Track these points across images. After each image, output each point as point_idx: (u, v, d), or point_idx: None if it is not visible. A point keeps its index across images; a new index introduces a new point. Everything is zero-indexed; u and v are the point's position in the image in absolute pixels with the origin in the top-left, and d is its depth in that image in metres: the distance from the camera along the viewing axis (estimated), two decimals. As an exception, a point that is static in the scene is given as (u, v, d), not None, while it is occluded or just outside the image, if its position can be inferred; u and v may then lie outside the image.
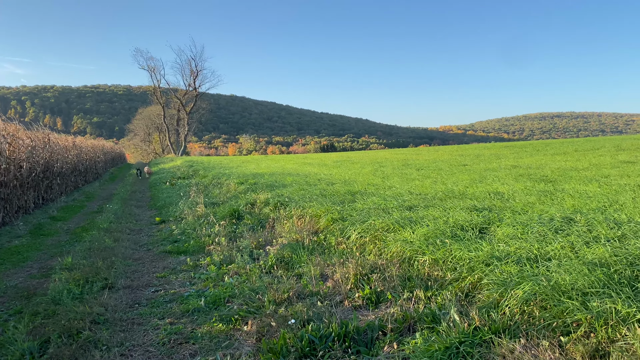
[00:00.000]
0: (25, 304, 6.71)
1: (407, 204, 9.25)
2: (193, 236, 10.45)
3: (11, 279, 8.21)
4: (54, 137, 23.76)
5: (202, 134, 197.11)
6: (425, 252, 6.04)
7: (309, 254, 7.58)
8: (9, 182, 15.01)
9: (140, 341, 5.30)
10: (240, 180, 17.21)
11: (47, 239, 12.00)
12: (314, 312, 5.24)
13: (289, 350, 4.44)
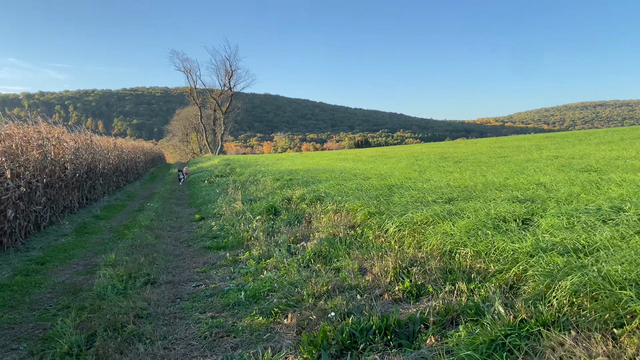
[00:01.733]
0: (72, 299, 6.93)
1: (446, 196, 9.07)
2: (232, 232, 10.57)
3: (59, 276, 8.49)
4: (96, 139, 24.51)
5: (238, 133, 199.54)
6: (466, 245, 5.90)
7: (347, 248, 7.53)
8: (55, 183, 15.55)
9: (182, 335, 5.38)
10: (276, 177, 17.31)
11: (91, 237, 12.38)
12: (354, 305, 5.20)
13: (329, 343, 4.41)
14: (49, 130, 16.84)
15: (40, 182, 13.89)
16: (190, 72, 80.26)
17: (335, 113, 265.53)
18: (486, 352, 3.80)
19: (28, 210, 12.83)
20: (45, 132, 15.88)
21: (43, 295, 7.39)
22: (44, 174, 14.51)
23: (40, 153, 14.60)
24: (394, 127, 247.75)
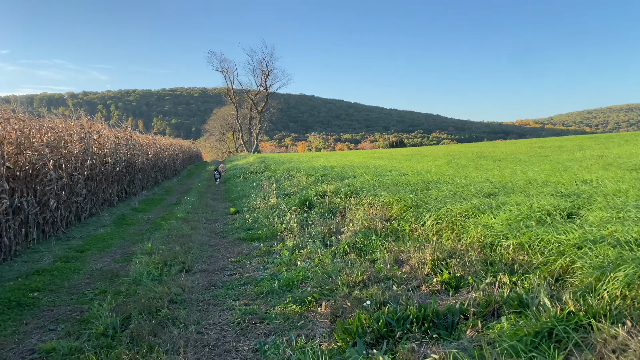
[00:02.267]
0: (109, 285, 7.02)
1: (485, 191, 8.80)
2: (266, 224, 10.56)
3: (97, 263, 8.65)
4: (135, 135, 25.08)
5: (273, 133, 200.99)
6: (508, 237, 5.66)
7: (382, 240, 7.38)
8: (95, 176, 15.93)
9: (216, 320, 5.35)
10: (310, 173, 17.25)
11: (129, 228, 12.60)
12: (390, 295, 5.05)
13: (364, 331, 4.28)
14: (91, 125, 17.26)
15: (81, 174, 14.25)
16: (228, 72, 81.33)
17: (369, 113, 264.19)
18: (531, 344, 3.60)
19: (69, 201, 13.17)
20: (87, 127, 16.29)
21: (81, 280, 7.52)
22: (85, 167, 14.88)
23: (82, 146, 14.98)
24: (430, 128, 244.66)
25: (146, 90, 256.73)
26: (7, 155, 10.19)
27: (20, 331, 5.43)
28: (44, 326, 5.58)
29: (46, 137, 12.63)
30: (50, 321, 5.74)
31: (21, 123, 11.56)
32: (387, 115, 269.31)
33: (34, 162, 11.28)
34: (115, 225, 12.89)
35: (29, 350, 4.90)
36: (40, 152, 11.84)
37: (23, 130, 11.43)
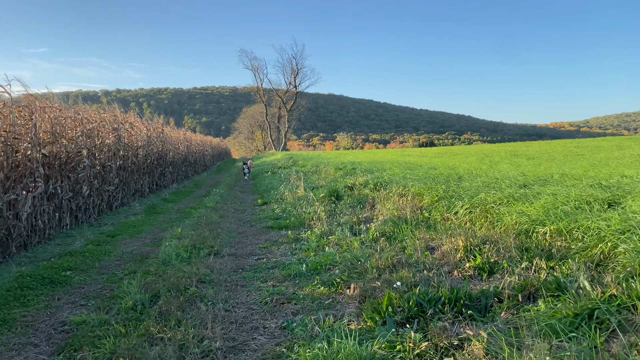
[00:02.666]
0: (139, 266, 7.08)
1: (520, 182, 8.55)
2: (293, 214, 10.52)
3: (127, 247, 8.75)
4: (167, 129, 25.44)
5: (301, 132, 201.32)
6: (545, 223, 5.46)
7: (413, 229, 7.23)
8: (127, 166, 16.20)
9: (243, 300, 5.32)
10: (339, 167, 17.16)
11: (159, 216, 12.75)
12: (421, 277, 4.92)
13: (394, 311, 4.18)
14: (124, 117, 17.57)
15: (113, 164, 14.50)
16: (258, 71, 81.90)
17: (399, 114, 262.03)
18: (570, 325, 3.43)
19: (102, 189, 13.41)
20: (121, 118, 16.58)
21: (112, 262, 7.62)
22: (117, 157, 15.15)
23: (115, 136, 15.25)
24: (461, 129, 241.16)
25: (178, 88, 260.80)
26: (43, 143, 10.42)
27: (52, 305, 5.52)
28: (75, 302, 5.65)
29: (80, 127, 12.88)
30: (81, 297, 5.81)
31: (57, 112, 11.80)
32: (417, 116, 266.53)
33: (68, 150, 11.52)
34: (146, 214, 13.06)
35: (60, 322, 4.96)
36: (75, 141, 12.09)
37: (59, 119, 11.67)
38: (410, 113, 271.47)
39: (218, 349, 3.97)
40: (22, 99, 10.38)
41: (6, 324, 4.88)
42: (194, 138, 35.77)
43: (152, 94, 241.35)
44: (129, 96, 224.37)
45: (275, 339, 4.22)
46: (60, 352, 4.12)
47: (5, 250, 8.22)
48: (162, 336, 4.13)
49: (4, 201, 8.30)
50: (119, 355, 3.71)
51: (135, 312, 4.86)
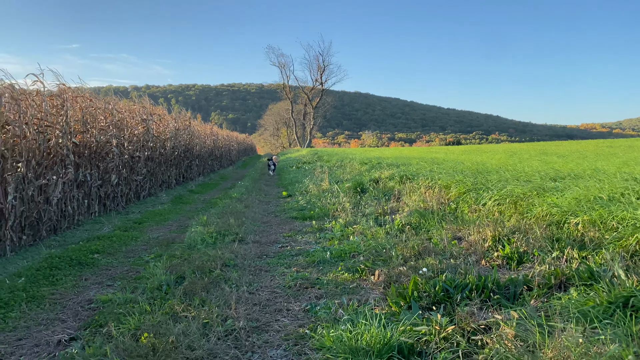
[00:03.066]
0: (164, 250, 7.15)
1: (551, 176, 8.34)
2: (318, 205, 10.49)
3: (153, 233, 8.85)
4: (194, 123, 25.71)
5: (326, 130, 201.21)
6: (577, 214, 5.30)
7: (439, 220, 7.12)
8: (155, 157, 16.42)
9: (267, 284, 5.32)
10: (364, 161, 17.06)
11: (185, 206, 12.88)
12: (448, 265, 4.83)
13: (420, 296, 4.10)
14: (153, 109, 17.81)
15: (141, 154, 14.71)
16: (284, 67, 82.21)
17: (426, 113, 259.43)
18: (604, 313, 3.31)
19: (130, 179, 13.62)
20: (150, 109, 16.81)
21: (138, 246, 7.71)
22: (145, 148, 15.36)
23: (143, 127, 15.47)
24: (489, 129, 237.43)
25: (205, 85, 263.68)
26: (74, 132, 10.63)
27: (79, 285, 5.60)
28: (102, 282, 5.73)
29: (110, 117, 13.09)
30: (107, 278, 5.89)
31: (87, 102, 12.01)
32: (445, 115, 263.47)
33: (98, 140, 11.72)
34: (172, 204, 13.22)
35: (87, 300, 5.03)
36: (105, 131, 12.30)
37: (89, 109, 11.88)
38: (437, 112, 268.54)
39: (241, 328, 3.96)
40: (55, 89, 10.59)
41: (35, 301, 4.98)
42: (220, 133, 36.09)
43: (180, 90, 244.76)
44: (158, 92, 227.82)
45: (298, 320, 4.20)
46: (86, 327, 4.18)
47: (35, 233, 8.41)
48: (186, 314, 4.15)
49: (35, 186, 8.49)
50: (143, 330, 3.73)
51: (160, 292, 4.89)
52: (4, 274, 5.99)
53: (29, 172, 8.34)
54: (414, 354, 3.28)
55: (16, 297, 5.03)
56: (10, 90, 8.58)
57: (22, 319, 4.47)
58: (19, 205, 7.86)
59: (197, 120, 29.77)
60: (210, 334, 3.78)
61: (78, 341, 3.88)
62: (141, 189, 14.68)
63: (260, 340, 3.81)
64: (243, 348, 3.67)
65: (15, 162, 8.11)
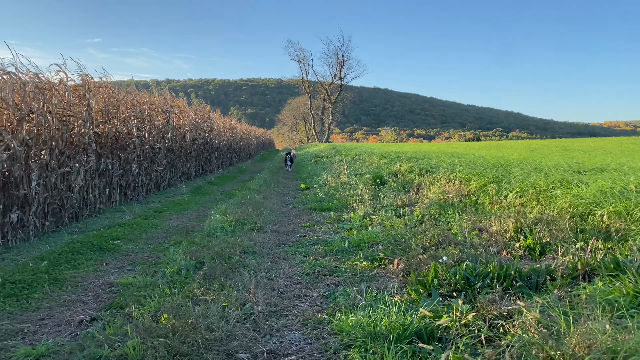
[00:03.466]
0: (184, 237, 7.20)
1: (575, 169, 8.19)
2: (336, 197, 10.45)
3: (173, 222, 8.93)
4: (213, 116, 25.86)
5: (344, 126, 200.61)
6: (603, 205, 5.19)
7: (459, 212, 7.03)
8: (175, 149, 16.56)
9: (285, 271, 5.32)
10: (383, 155, 16.97)
11: (204, 196, 12.97)
12: (468, 254, 4.76)
13: (440, 284, 4.05)
14: (173, 101, 17.96)
15: (162, 145, 14.85)
16: (303, 62, 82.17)
17: (446, 109, 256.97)
18: (630, 303, 3.23)
19: (150, 169, 13.76)
20: (170, 101, 16.95)
21: (158, 234, 7.78)
22: (166, 139, 15.50)
23: (164, 119, 15.60)
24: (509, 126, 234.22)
25: (225, 79, 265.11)
26: (96, 122, 10.76)
27: (100, 269, 5.68)
28: (122, 267, 5.79)
29: (132, 108, 13.23)
30: (128, 263, 5.96)
31: (110, 93, 12.14)
32: (465, 112, 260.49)
33: (119, 130, 11.85)
34: (192, 194, 13.33)
35: (108, 283, 5.09)
36: (126, 122, 12.43)
37: (111, 99, 12.01)
38: (457, 108, 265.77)
39: (260, 312, 3.97)
40: (78, 80, 10.72)
41: (57, 283, 5.05)
42: (239, 126, 36.23)
43: (200, 84, 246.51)
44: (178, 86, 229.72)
45: (317, 306, 4.18)
46: (107, 309, 4.22)
47: (58, 220, 8.55)
48: (205, 298, 4.17)
49: (58, 174, 8.63)
50: (163, 312, 3.75)
51: (180, 276, 4.93)
52: (27, 257, 6.10)
53: (52, 160, 8.47)
54: (434, 339, 3.24)
55: (39, 279, 5.11)
56: (35, 80, 8.72)
57: (44, 300, 4.55)
58: (42, 192, 7.99)
59: (216, 114, 29.92)
60: (229, 316, 3.79)
61: (99, 321, 3.93)
62: (161, 179, 14.82)
63: (279, 324, 3.81)
64: (261, 331, 3.67)
65: (39, 150, 8.24)
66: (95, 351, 3.17)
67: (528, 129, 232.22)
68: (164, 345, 3.15)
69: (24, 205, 7.56)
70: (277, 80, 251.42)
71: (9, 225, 7.03)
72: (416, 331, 3.28)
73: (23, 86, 8.18)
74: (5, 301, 4.44)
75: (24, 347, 3.44)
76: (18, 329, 3.85)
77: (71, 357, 3.15)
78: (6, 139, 7.24)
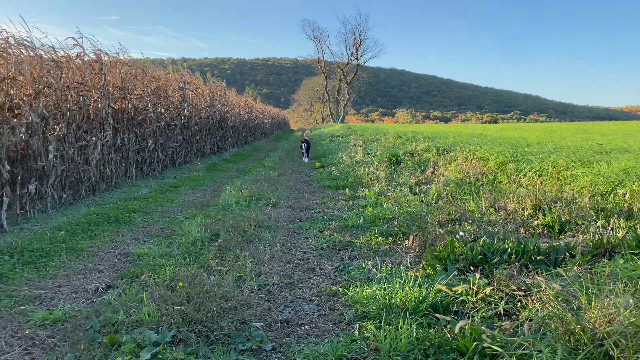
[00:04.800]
0: (199, 211, 7.22)
1: (595, 149, 8.02)
2: (351, 174, 10.40)
3: (189, 196, 8.97)
4: (229, 94, 25.81)
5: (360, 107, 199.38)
6: (625, 184, 5.06)
7: (476, 191, 6.94)
8: (191, 125, 16.58)
9: (299, 245, 5.31)
10: (399, 135, 16.81)
11: (219, 173, 13.01)
12: (485, 231, 4.69)
13: (456, 259, 4.00)
14: (190, 78, 17.93)
15: (178, 122, 14.87)
16: (320, 41, 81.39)
17: (463, 91, 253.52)
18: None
19: (166, 145, 13.81)
20: (187, 78, 16.93)
21: (173, 208, 7.82)
22: (182, 116, 15.51)
23: (180, 95, 15.60)
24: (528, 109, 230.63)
25: (240, 59, 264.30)
26: (112, 98, 10.77)
27: (116, 240, 5.72)
28: (138, 238, 5.83)
29: (148, 84, 13.23)
30: (144, 235, 6.00)
31: (126, 67, 12.13)
32: (482, 94, 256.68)
33: (135, 106, 11.87)
34: (207, 171, 13.37)
35: (124, 253, 5.13)
36: (142, 98, 12.43)
37: (128, 75, 12.00)
38: (475, 90, 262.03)
39: (274, 283, 3.96)
40: (93, 54, 10.71)
41: (74, 252, 5.11)
42: (254, 105, 36.15)
43: (216, 63, 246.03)
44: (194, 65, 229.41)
45: (331, 279, 4.17)
46: (123, 277, 4.26)
47: (75, 193, 8.64)
48: (220, 268, 4.17)
49: (75, 147, 8.68)
50: (178, 280, 3.77)
51: (195, 247, 4.94)
52: (45, 228, 6.17)
53: (69, 133, 8.52)
54: (450, 313, 3.21)
55: (56, 248, 5.17)
56: (52, 54, 8.73)
57: (61, 268, 4.60)
58: (60, 165, 8.06)
59: (232, 93, 29.85)
60: (243, 286, 3.79)
61: (115, 289, 3.96)
62: (177, 156, 14.88)
63: (293, 295, 3.81)
64: (276, 301, 3.67)
65: (56, 124, 8.29)
66: (111, 316, 3.20)
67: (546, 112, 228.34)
68: (178, 312, 3.16)
69: (42, 177, 7.63)
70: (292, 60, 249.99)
71: (27, 197, 7.11)
72: (432, 304, 3.25)
73: (40, 59, 8.20)
74: (24, 268, 4.50)
75: (42, 311, 3.48)
76: (36, 295, 3.90)
77: (87, 322, 3.18)
78: (24, 111, 7.28)
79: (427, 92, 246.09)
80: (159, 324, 3.08)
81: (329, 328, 3.25)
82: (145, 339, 2.87)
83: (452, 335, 2.80)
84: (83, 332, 3.02)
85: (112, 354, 2.77)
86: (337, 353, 2.77)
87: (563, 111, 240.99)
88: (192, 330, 3.04)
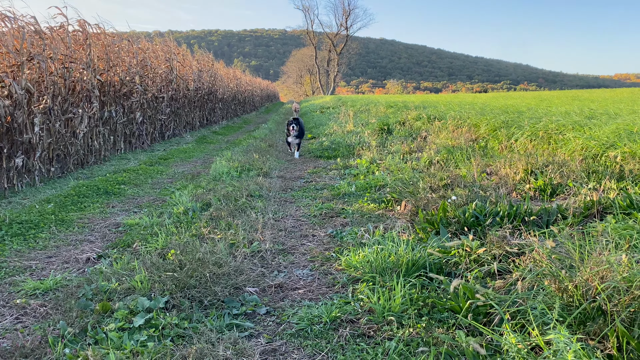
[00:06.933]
0: (190, 182, 7.16)
1: (586, 114, 8.01)
2: (343, 145, 10.34)
3: (179, 168, 8.89)
4: (217, 65, 25.42)
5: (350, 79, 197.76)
6: (617, 146, 5.07)
7: (468, 157, 6.93)
8: (179, 98, 16.35)
9: (292, 213, 5.29)
10: (390, 104, 16.71)
11: (209, 145, 12.89)
12: (477, 195, 4.69)
13: (448, 222, 4.00)
14: (176, 49, 17.59)
15: (165, 93, 14.64)
16: (308, 11, 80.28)
17: (453, 61, 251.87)
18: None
19: (154, 117, 13.62)
20: (174, 49, 16.60)
21: (163, 179, 7.75)
22: (169, 88, 15.27)
23: (167, 66, 15.32)
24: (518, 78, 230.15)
25: (228, 30, 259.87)
26: (98, 70, 10.54)
27: (107, 211, 5.67)
28: (128, 209, 5.78)
29: (133, 56, 12.95)
30: (134, 206, 5.94)
31: (109, 39, 11.85)
32: (472, 64, 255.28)
33: (121, 78, 11.64)
34: (197, 143, 13.25)
35: (114, 224, 5.09)
36: (128, 70, 12.19)
37: (112, 46, 11.73)
38: (465, 60, 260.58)
39: (267, 250, 3.95)
40: (78, 24, 10.43)
41: (64, 224, 5.05)
42: (243, 78, 35.67)
43: (203, 35, 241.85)
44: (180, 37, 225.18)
45: (324, 245, 4.17)
46: (114, 247, 4.23)
47: (63, 166, 8.52)
48: (212, 236, 4.15)
49: (62, 120, 8.53)
50: (170, 248, 3.74)
51: (186, 216, 4.91)
52: (33, 201, 6.10)
53: (55, 105, 8.35)
54: (442, 274, 3.21)
55: (46, 219, 5.11)
56: (34, 25, 8.48)
57: (51, 240, 4.55)
58: (47, 138, 7.92)
59: (220, 64, 29.36)
60: (236, 253, 3.78)
61: (106, 259, 3.93)
62: (165, 128, 14.71)
63: (287, 261, 3.80)
64: (269, 267, 3.66)
65: (41, 96, 8.11)
66: (103, 285, 3.17)
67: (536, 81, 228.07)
68: (171, 279, 3.14)
69: (29, 150, 7.51)
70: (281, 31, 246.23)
71: (14, 170, 7.00)
72: (425, 266, 3.26)
73: (22, 30, 7.96)
74: (13, 240, 4.44)
75: (33, 281, 3.45)
76: (26, 266, 3.86)
77: (79, 290, 3.15)
78: (7, 82, 7.11)
79: (418, 62, 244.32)
80: (151, 291, 3.06)
81: (323, 291, 3.25)
82: (138, 306, 2.86)
83: (445, 295, 2.82)
84: (75, 300, 3.00)
85: (105, 320, 2.76)
86: (331, 315, 2.78)
87: (553, 80, 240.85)
88: (185, 296, 3.03)
